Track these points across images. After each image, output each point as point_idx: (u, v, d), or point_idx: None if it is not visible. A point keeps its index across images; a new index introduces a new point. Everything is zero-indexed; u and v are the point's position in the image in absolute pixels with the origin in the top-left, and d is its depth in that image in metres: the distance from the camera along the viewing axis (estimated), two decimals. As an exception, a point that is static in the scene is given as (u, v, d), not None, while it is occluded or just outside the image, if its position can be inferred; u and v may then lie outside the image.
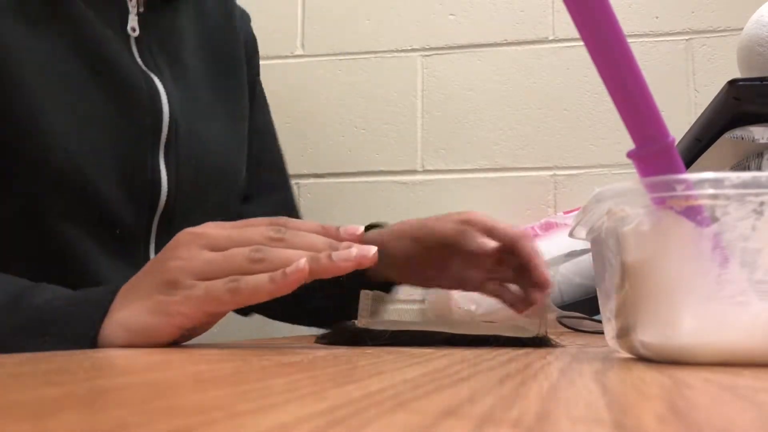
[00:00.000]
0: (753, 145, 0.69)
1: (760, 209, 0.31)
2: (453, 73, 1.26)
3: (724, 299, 0.31)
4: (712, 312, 0.31)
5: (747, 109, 0.68)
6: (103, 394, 0.20)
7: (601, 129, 1.20)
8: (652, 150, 0.33)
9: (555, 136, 1.22)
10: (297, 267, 0.43)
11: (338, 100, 1.29)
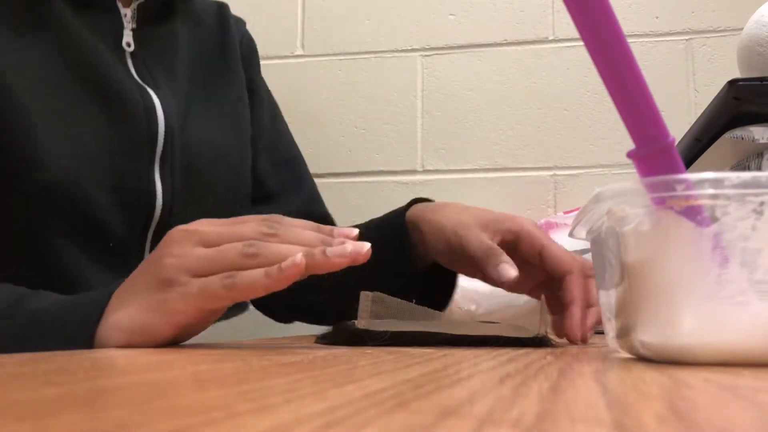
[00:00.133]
0: (753, 145, 0.69)
1: (760, 209, 0.31)
2: (453, 73, 1.26)
3: (724, 299, 0.31)
4: (712, 312, 0.31)
5: (747, 109, 0.68)
6: (103, 394, 0.20)
7: (601, 129, 1.20)
8: (652, 150, 0.33)
9: (555, 136, 1.22)
10: (293, 262, 0.42)
11: (338, 100, 1.29)
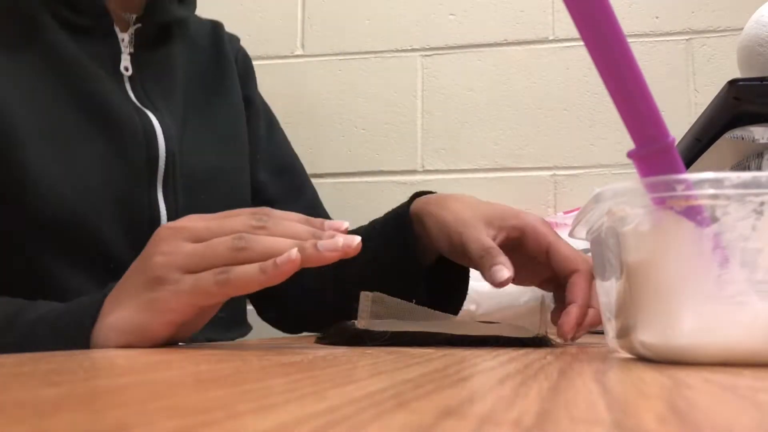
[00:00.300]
0: (753, 145, 0.69)
1: (760, 209, 0.31)
2: (453, 73, 1.26)
3: (725, 299, 0.31)
4: (713, 312, 0.31)
5: (747, 109, 0.68)
6: (103, 394, 0.20)
7: (601, 129, 1.20)
8: (652, 150, 0.33)
9: (555, 136, 1.22)
10: (289, 257, 0.42)
11: (338, 100, 1.29)
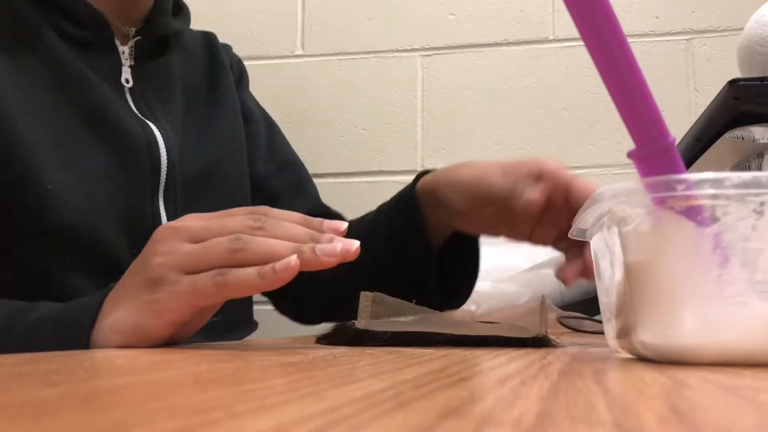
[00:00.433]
0: (753, 145, 0.69)
1: (761, 209, 0.31)
2: (453, 73, 1.26)
3: (725, 299, 0.31)
4: (713, 312, 0.31)
5: (747, 109, 0.68)
6: (103, 394, 0.20)
7: (601, 129, 1.20)
8: (652, 150, 0.33)
9: (555, 136, 1.22)
10: (288, 264, 0.42)
11: (338, 100, 1.29)
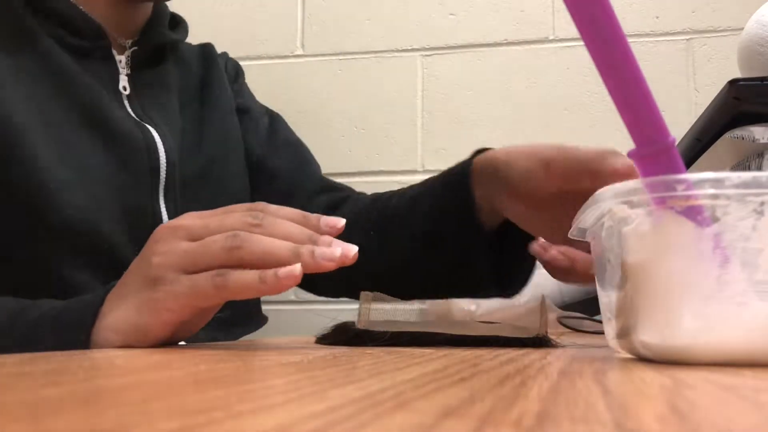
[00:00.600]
0: (753, 145, 0.69)
1: (761, 209, 0.31)
2: (453, 73, 1.26)
3: (725, 299, 0.31)
4: (713, 312, 0.31)
5: (747, 109, 0.68)
6: (103, 394, 0.20)
7: (601, 129, 1.20)
8: (652, 150, 0.33)
9: (555, 136, 1.22)
10: (292, 272, 0.42)
11: (338, 100, 1.29)
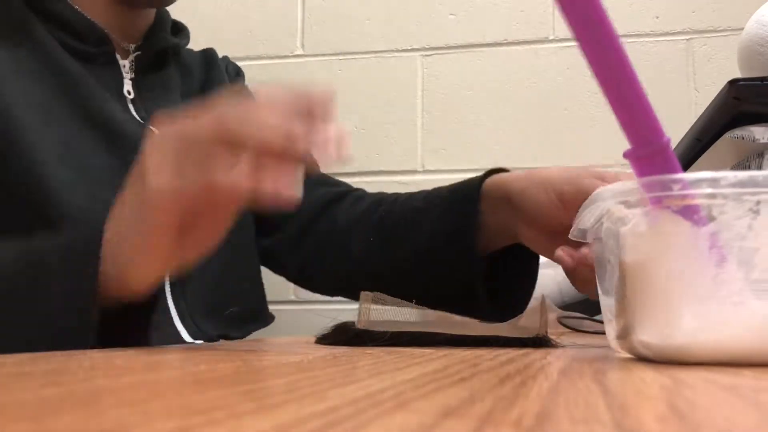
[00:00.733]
0: (753, 145, 0.69)
1: (757, 208, 0.31)
2: (453, 73, 1.26)
3: (722, 299, 0.31)
4: (710, 311, 0.31)
5: (747, 109, 0.68)
6: (103, 394, 0.20)
7: (601, 129, 1.20)
8: (648, 151, 0.33)
9: (555, 135, 1.22)
10: (291, 195, 0.42)
11: (338, 100, 1.29)
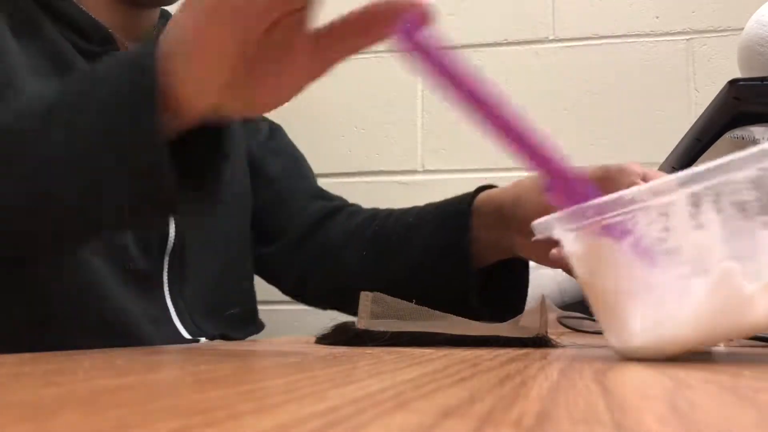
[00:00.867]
0: (753, 145, 0.69)
1: (665, 211, 0.33)
2: (453, 73, 1.26)
3: (657, 299, 0.34)
4: (651, 312, 0.34)
5: (747, 109, 0.68)
6: (103, 394, 0.20)
7: (601, 129, 1.20)
8: (558, 184, 0.37)
9: (555, 136, 1.22)
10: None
11: (338, 100, 1.29)
